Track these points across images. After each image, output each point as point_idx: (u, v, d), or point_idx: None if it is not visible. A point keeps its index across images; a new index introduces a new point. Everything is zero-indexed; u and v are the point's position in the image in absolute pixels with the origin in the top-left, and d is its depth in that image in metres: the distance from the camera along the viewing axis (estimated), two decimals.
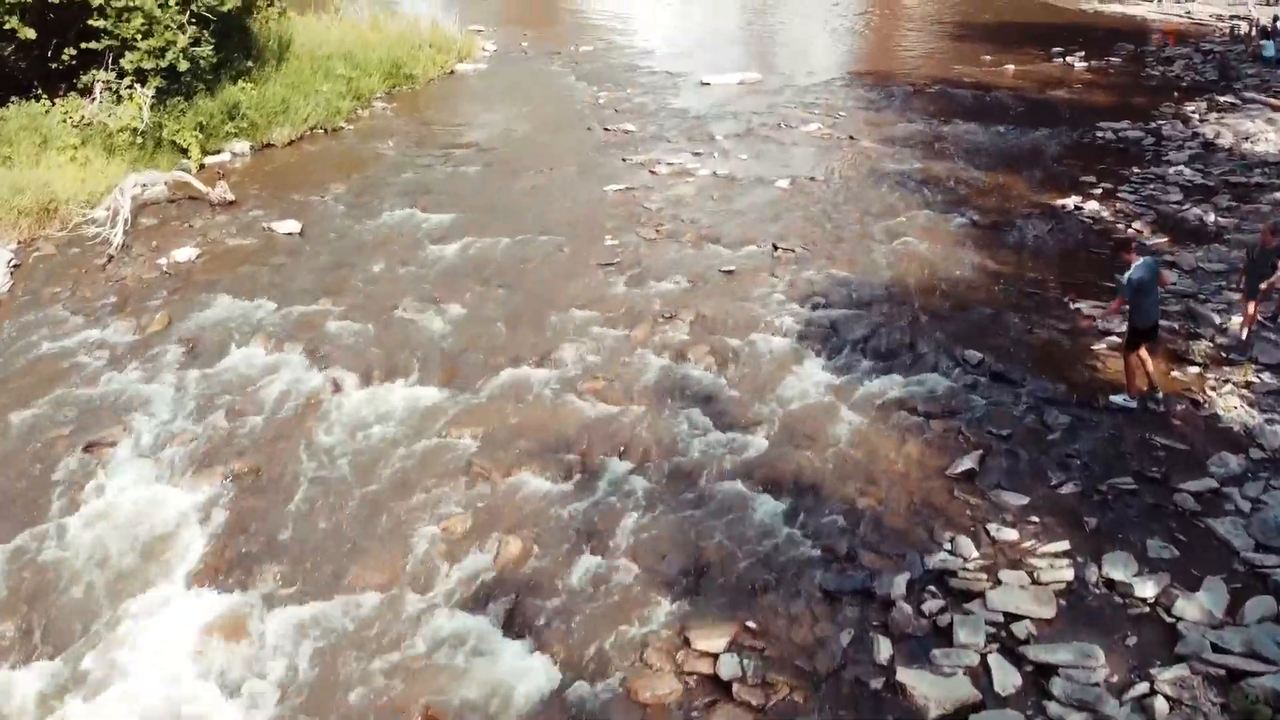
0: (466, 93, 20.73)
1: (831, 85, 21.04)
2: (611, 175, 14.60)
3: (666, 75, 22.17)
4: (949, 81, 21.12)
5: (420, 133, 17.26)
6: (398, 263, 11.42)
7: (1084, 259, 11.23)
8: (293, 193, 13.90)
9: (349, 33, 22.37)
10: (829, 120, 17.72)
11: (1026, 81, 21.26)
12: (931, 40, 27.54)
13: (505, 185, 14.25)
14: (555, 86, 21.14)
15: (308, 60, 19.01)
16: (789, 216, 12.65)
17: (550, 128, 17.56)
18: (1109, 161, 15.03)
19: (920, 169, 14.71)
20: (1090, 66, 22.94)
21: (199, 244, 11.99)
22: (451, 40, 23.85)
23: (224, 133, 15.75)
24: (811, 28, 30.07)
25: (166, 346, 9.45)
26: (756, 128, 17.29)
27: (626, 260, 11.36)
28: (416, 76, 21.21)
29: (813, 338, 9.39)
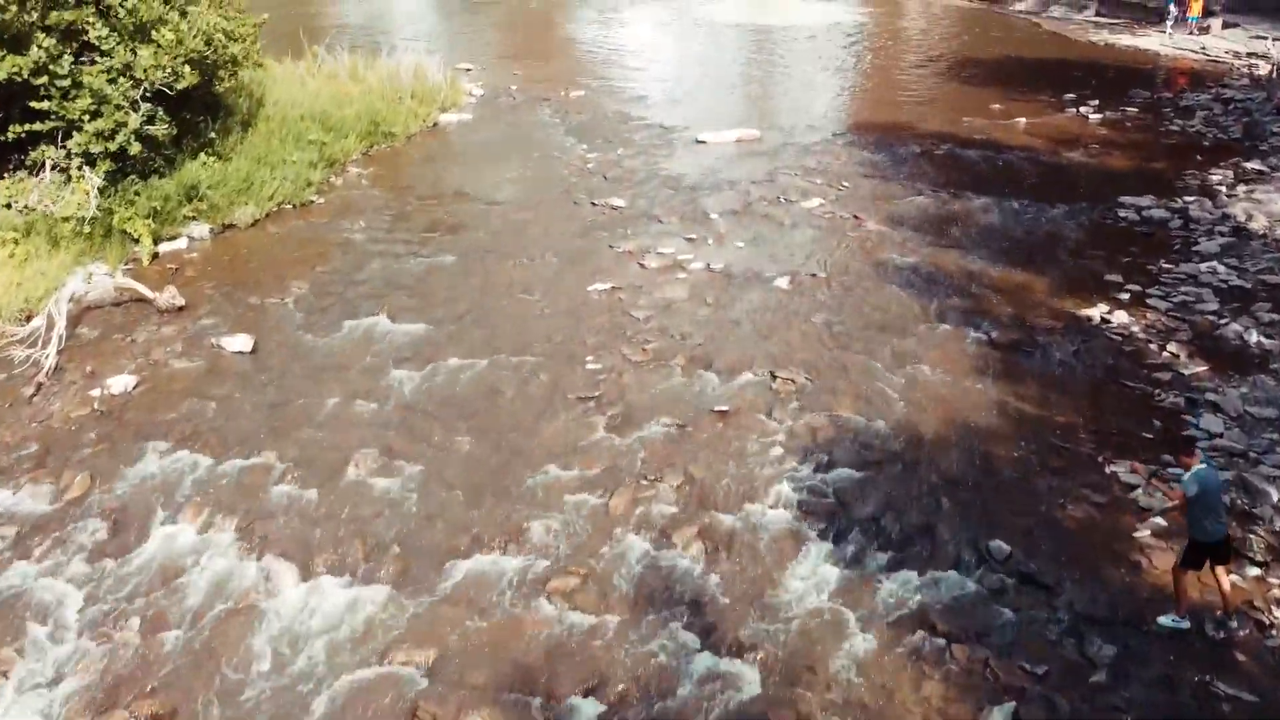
0: (447, 153, 19.58)
1: (833, 144, 19.90)
2: (597, 269, 13.49)
3: (660, 130, 21.03)
4: (958, 140, 19.99)
5: (394, 208, 16.15)
6: (356, 395, 10.32)
7: (1116, 395, 10.12)
8: (249, 293, 12.80)
9: (326, 86, 21.27)
10: (831, 193, 16.60)
11: (1039, 139, 20.12)
12: (938, 82, 26.40)
13: (481, 282, 13.14)
14: (542, 145, 20.00)
15: (279, 124, 17.91)
16: (789, 331, 11.54)
17: (534, 201, 16.44)
18: (1134, 251, 13.91)
19: (930, 261, 13.60)
20: (1105, 119, 21.80)
21: (139, 367, 10.89)
22: (435, 89, 22.74)
23: (181, 216, 14.65)
24: (811, 67, 28.92)
25: (85, 521, 8.35)
26: (754, 202, 16.17)
27: (608, 393, 10.26)
28: (396, 134, 20.11)
29: (816, 514, 8.29)
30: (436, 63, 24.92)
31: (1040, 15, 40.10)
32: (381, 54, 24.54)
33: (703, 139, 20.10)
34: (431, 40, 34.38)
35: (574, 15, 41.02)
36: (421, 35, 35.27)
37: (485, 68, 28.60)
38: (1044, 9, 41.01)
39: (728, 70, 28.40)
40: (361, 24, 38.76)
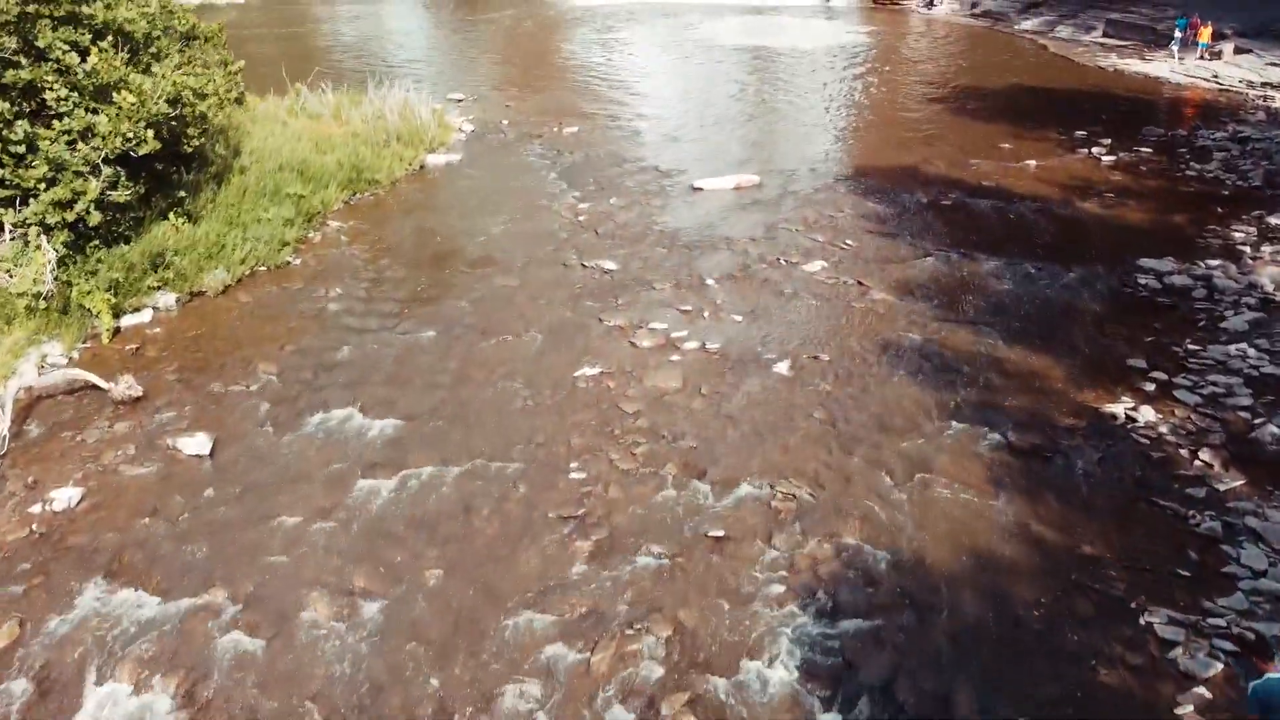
0: (432, 202, 18.71)
1: (836, 191, 19.08)
2: (585, 349, 12.65)
3: (655, 174, 20.22)
4: (966, 187, 19.16)
5: (372, 271, 15.31)
6: (318, 512, 9.49)
7: (1146, 517, 9.29)
8: (213, 378, 11.97)
9: (308, 128, 20.48)
10: (835, 253, 15.76)
11: (1051, 185, 19.28)
12: (943, 115, 25.57)
13: (461, 365, 12.30)
14: (531, 191, 19.17)
15: (255, 176, 17.08)
16: (789, 431, 10.71)
17: (521, 262, 15.60)
18: (1158, 329, 13.08)
19: (940, 340, 12.76)
20: (1118, 161, 20.97)
21: (87, 475, 10.06)
22: (422, 128, 21.90)
23: (146, 286, 13.83)
24: (812, 98, 28.08)
25: (8, 685, 7.53)
26: (753, 264, 15.34)
27: (593, 510, 9.43)
28: (380, 180, 19.28)
29: (820, 676, 7.46)
30: (425, 97, 24.18)
31: (1046, 36, 39.24)
32: (370, 86, 23.77)
33: (699, 186, 19.27)
34: (424, 64, 33.66)
35: (570, 35, 40.25)
36: (414, 59, 34.56)
37: (477, 97, 27.82)
38: (1050, 29, 40.15)
39: (726, 101, 27.55)
40: (355, 44, 38.02)
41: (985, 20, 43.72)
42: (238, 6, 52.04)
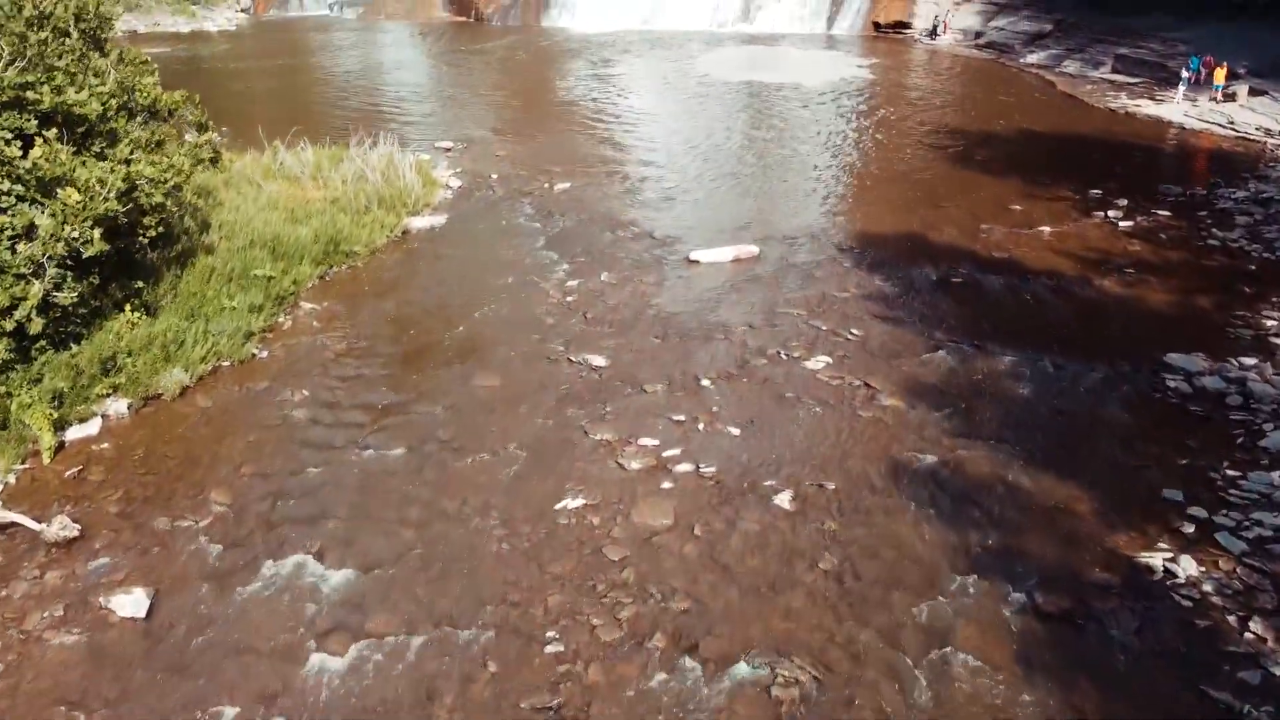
0: (412, 278, 17.59)
1: (839, 264, 18.05)
2: (569, 470, 11.57)
3: (650, 243, 19.20)
4: (977, 260, 18.13)
5: (343, 367, 14.25)
6: (261, 700, 8.43)
7: (1195, 711, 8.24)
8: (159, 509, 10.89)
9: (285, 192, 19.49)
10: (839, 343, 14.70)
11: (1066, 258, 18.26)
12: (950, 168, 24.58)
13: (432, 493, 11.21)
14: (518, 264, 18.12)
15: (223, 255, 16.09)
16: (792, 588, 9.62)
17: (503, 357, 14.53)
18: (1192, 447, 12.02)
19: (955, 464, 11.69)
20: (1136, 226, 19.96)
21: (7, 645, 8.97)
22: (406, 189, 20.90)
23: (95, 394, 12.81)
24: (813, 145, 27.12)
25: None
26: (752, 358, 14.30)
27: (570, 701, 8.33)
28: (359, 252, 18.27)
29: None
30: (410, 151, 23.25)
31: (1053, 71, 38.32)
32: (353, 140, 22.81)
33: (696, 258, 18.24)
34: (414, 103, 32.72)
35: (565, 69, 39.36)
36: (404, 98, 33.62)
37: (466, 145, 26.88)
38: (1056, 64, 39.23)
39: (725, 151, 26.52)
40: (345, 79, 37.06)
41: (990, 52, 42.82)
42: (229, 35, 51.36)
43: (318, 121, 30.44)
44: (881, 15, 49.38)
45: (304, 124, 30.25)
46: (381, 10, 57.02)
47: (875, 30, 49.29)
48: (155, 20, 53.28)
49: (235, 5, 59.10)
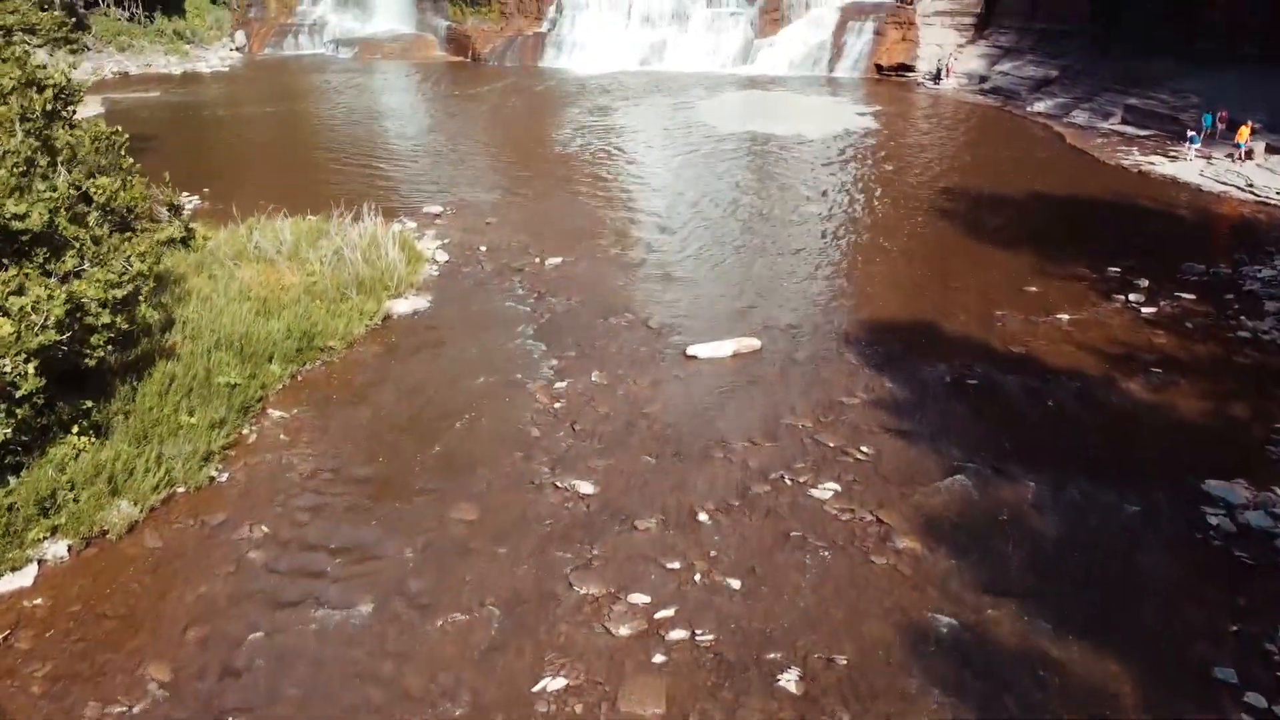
0: (389, 379, 16.33)
1: (846, 362, 16.90)
2: (550, 639, 10.34)
3: (645, 333, 18.08)
4: (993, 358, 16.98)
5: (310, 490, 13.06)
6: None
7: None
8: (90, 692, 9.66)
9: (258, 279, 18.40)
10: (847, 467, 13.52)
11: (1088, 353, 17.10)
12: (960, 239, 23.47)
13: (395, 669, 9.99)
14: (504, 359, 16.96)
15: (186, 361, 14.96)
16: None
17: (483, 477, 13.35)
18: (1241, 606, 10.81)
19: (978, 627, 10.48)
20: (1160, 313, 18.84)
21: None
22: (389, 268, 19.84)
23: (31, 537, 11.66)
24: (816, 207, 26.06)
25: None
26: (753, 485, 13.12)
27: None
28: (334, 347, 17.16)
29: None
30: (398, 221, 22.21)
31: (1061, 121, 37.35)
32: (337, 208, 21.78)
33: (694, 354, 17.13)
34: (404, 160, 31.64)
35: (562, 119, 38.39)
36: (394, 154, 32.55)
37: (456, 209, 25.86)
38: (1064, 113, 38.26)
39: (724, 219, 25.26)
40: (335, 130, 35.86)
41: (995, 99, 41.91)
42: (222, 77, 50.57)
43: (304, 179, 29.51)
44: (884, 58, 48.55)
45: (290, 181, 29.42)
46: (378, 50, 56.21)
47: (878, 73, 48.39)
48: (148, 61, 52.41)
49: (229, 44, 58.34)
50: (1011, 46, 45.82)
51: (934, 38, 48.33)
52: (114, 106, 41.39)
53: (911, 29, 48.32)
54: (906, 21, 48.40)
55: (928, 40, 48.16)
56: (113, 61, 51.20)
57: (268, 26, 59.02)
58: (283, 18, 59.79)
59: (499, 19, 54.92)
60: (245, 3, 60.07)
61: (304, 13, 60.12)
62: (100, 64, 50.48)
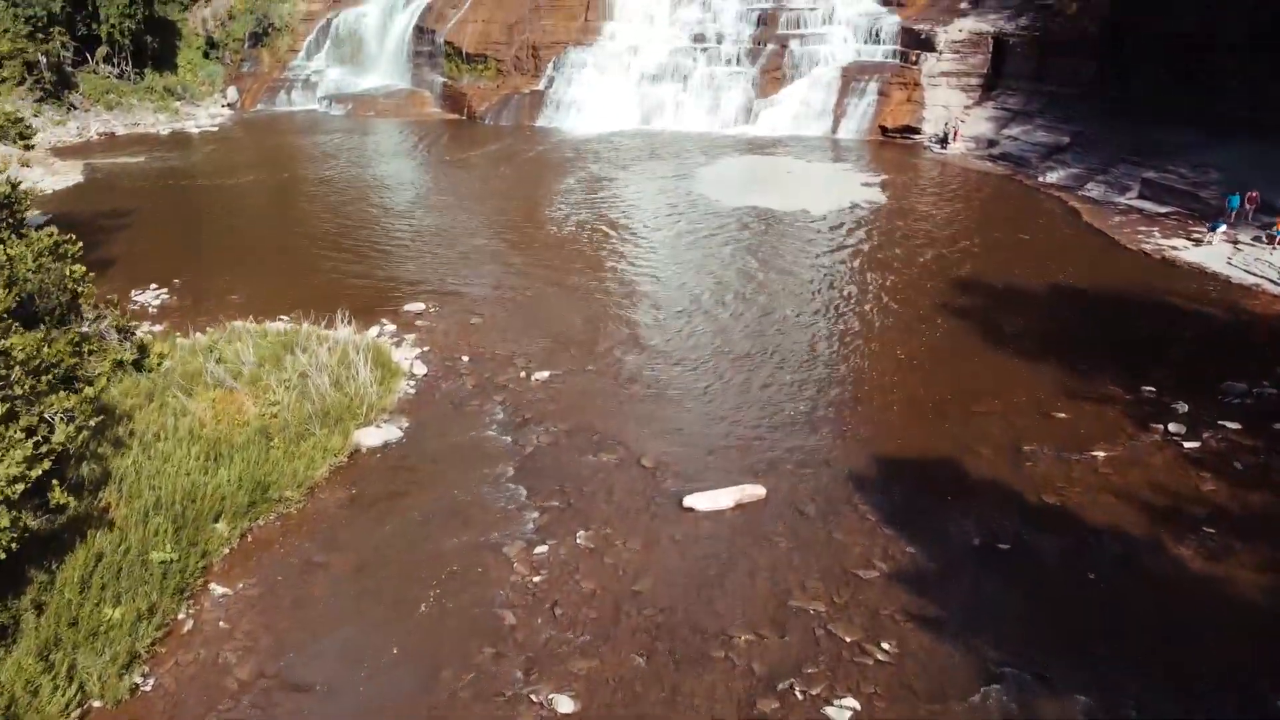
0: (348, 540, 14.60)
1: (862, 517, 15.15)
2: None
3: (637, 475, 16.36)
4: (1024, 511, 15.21)
5: (243, 707, 11.37)
6: None
7: None
8: None
9: (212, 413, 16.75)
10: (867, 673, 11.68)
11: (1130, 505, 15.34)
12: (978, 346, 21.76)
13: None
14: (479, 515, 15.18)
15: (117, 532, 13.26)
16: None
17: (446, 683, 11.62)
18: None
19: None
20: (1204, 449, 17.11)
21: None
22: (360, 391, 18.22)
23: None
24: (820, 309, 24.47)
25: None
26: (759, 701, 11.32)
27: None
28: (291, 497, 15.47)
29: None
30: (379, 324, 20.63)
31: (1075, 195, 35.87)
32: (308, 315, 20.24)
33: (692, 504, 15.41)
34: (390, 244, 29.82)
35: (556, 190, 36.92)
36: (379, 237, 30.70)
37: (440, 304, 24.30)
38: (1078, 185, 36.80)
39: (728, 320, 23.44)
40: (321, 205, 33.99)
41: (1005, 166, 40.52)
42: (210, 137, 49.31)
43: (284, 264, 28.00)
44: (889, 119, 47.29)
45: (268, 267, 27.87)
46: (371, 107, 55.04)
47: (882, 134, 47.10)
48: (136, 120, 51.22)
49: (221, 99, 57.28)
50: (1020, 109, 44.55)
51: (940, 99, 47.14)
52: (94, 174, 40.18)
53: (916, 90, 47.11)
54: (911, 82, 47.21)
55: (933, 101, 46.95)
56: (99, 121, 50.04)
57: (261, 82, 57.96)
58: (276, 72, 58.75)
59: (495, 76, 53.86)
60: (239, 57, 59.15)
61: (298, 67, 59.11)
62: (86, 124, 49.40)
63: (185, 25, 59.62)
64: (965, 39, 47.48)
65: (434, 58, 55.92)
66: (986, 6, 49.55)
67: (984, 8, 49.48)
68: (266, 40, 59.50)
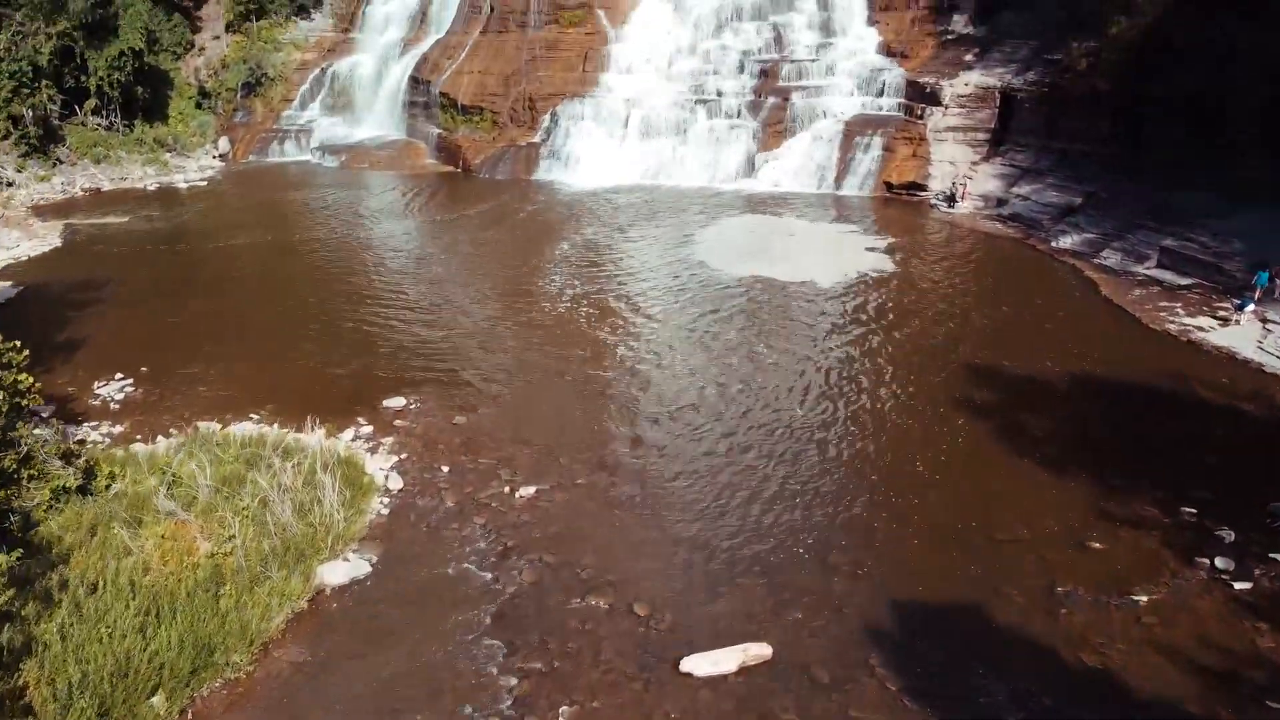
0: (305, 708, 13.05)
1: (880, 683, 13.42)
2: None
3: (630, 625, 14.70)
4: (1062, 675, 13.46)
5: None
6: None
7: None
8: None
9: (159, 553, 15.14)
10: None
11: (1179, 668, 13.61)
12: (996, 451, 20.11)
13: None
14: (453, 677, 13.55)
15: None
16: None
17: None
18: None
19: None
20: (1256, 590, 15.41)
21: None
22: (324, 520, 16.64)
23: None
24: (831, 402, 22.93)
25: None
26: None
27: None
28: (239, 661, 13.82)
29: None
30: (352, 430, 19.09)
31: (1090, 262, 34.43)
32: (276, 423, 18.70)
33: (690, 669, 13.74)
34: (374, 320, 28.22)
35: (550, 256, 35.52)
36: (364, 314, 29.12)
37: (423, 401, 22.72)
38: (1094, 252, 35.33)
39: (729, 424, 21.67)
40: (304, 276, 32.38)
41: (1015, 228, 39.14)
42: (198, 193, 48.09)
43: (258, 348, 26.35)
44: (894, 175, 46.01)
45: (242, 351, 26.25)
46: (365, 159, 53.80)
47: (887, 191, 45.78)
48: (124, 173, 49.93)
49: (213, 150, 56.15)
50: (1030, 166, 43.27)
51: (946, 154, 45.91)
52: (74, 236, 38.85)
53: (922, 145, 45.89)
54: (917, 138, 45.99)
55: (939, 157, 45.71)
56: (85, 175, 48.86)
57: (253, 132, 56.89)
58: (269, 122, 57.74)
59: (491, 128, 52.73)
60: (232, 107, 58.17)
61: (291, 117, 58.11)
62: (72, 179, 48.23)
63: (178, 75, 58.81)
64: (972, 93, 46.37)
65: (429, 108, 54.90)
66: (992, 59, 48.58)
67: (989, 60, 48.50)
68: (260, 90, 58.60)
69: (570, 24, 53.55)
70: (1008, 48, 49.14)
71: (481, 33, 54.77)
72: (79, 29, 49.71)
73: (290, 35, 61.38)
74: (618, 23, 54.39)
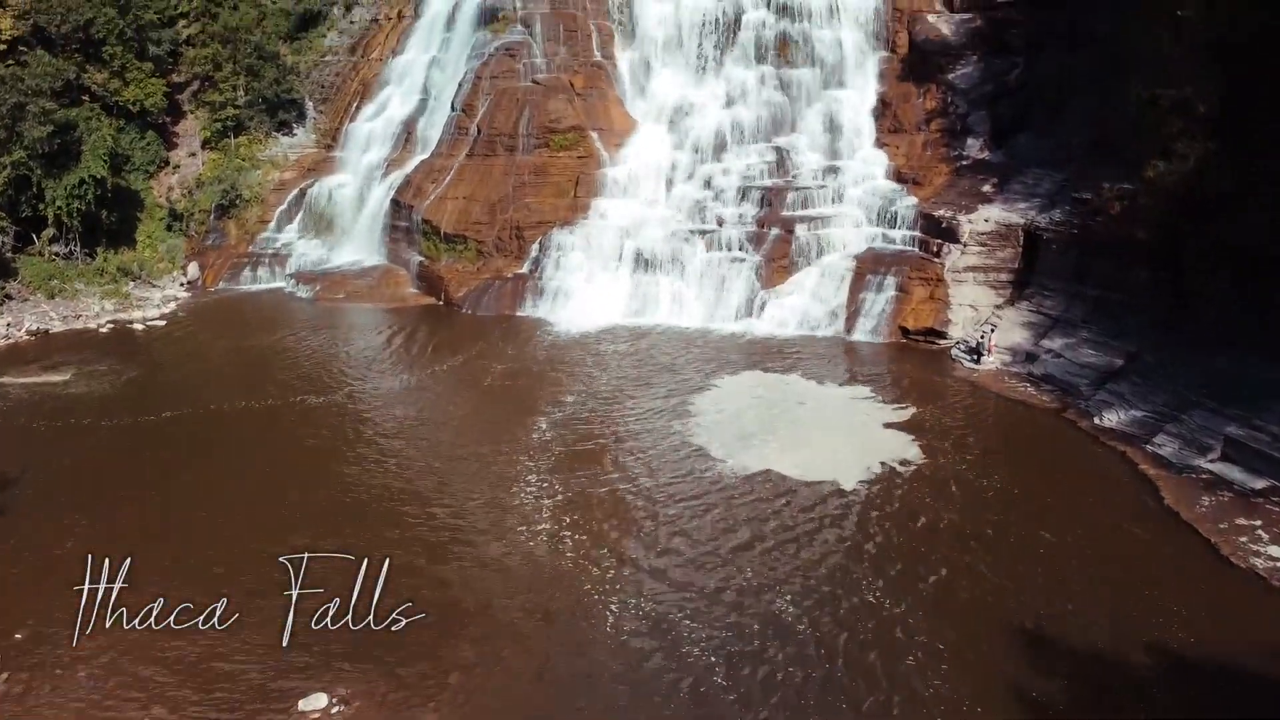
0: None
1: None
2: None
3: None
4: None
5: None
6: None
7: None
8: None
9: None
10: None
11: None
12: None
13: None
14: None
15: None
16: None
17: None
18: None
19: None
20: None
21: None
22: None
23: None
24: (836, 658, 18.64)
25: None
26: None
27: None
28: None
29: None
30: None
31: (1143, 450, 30.08)
32: None
33: None
34: (313, 542, 23.21)
35: (527, 437, 30.95)
36: (299, 541, 24.57)
37: (348, 703, 18.31)
38: (1145, 435, 30.98)
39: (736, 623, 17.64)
40: (242, 480, 28.21)
41: (1050, 395, 35.02)
42: (157, 335, 44.28)
43: (167, 601, 21.73)
44: (910, 320, 42.21)
45: (145, 600, 20.65)
46: (341, 288, 49.88)
47: (903, 336, 41.99)
48: (78, 310, 46.22)
49: (181, 277, 52.59)
50: (1060, 315, 39.42)
51: (966, 296, 42.22)
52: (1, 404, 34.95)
53: (940, 286, 42.24)
54: (934, 277, 42.37)
55: (959, 300, 42.01)
56: (35, 315, 45.09)
57: (225, 257, 53.43)
58: (243, 246, 54.32)
59: (475, 258, 49.17)
60: (204, 229, 54.91)
61: (267, 240, 54.62)
62: (20, 319, 44.42)
63: (149, 195, 55.73)
64: (992, 230, 42.88)
65: (411, 234, 51.40)
66: (1013, 192, 45.24)
67: (1010, 193, 45.14)
68: (234, 211, 55.38)
69: (561, 148, 50.41)
70: (1029, 179, 45.84)
71: (468, 155, 51.61)
72: (36, 158, 46.71)
73: (269, 153, 58.45)
74: (613, 145, 51.36)
